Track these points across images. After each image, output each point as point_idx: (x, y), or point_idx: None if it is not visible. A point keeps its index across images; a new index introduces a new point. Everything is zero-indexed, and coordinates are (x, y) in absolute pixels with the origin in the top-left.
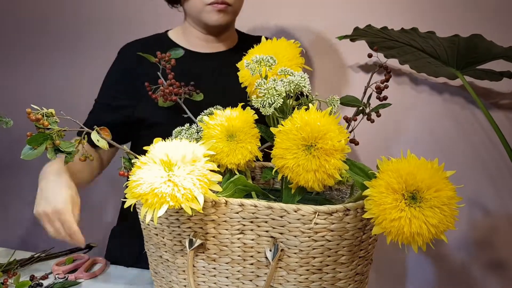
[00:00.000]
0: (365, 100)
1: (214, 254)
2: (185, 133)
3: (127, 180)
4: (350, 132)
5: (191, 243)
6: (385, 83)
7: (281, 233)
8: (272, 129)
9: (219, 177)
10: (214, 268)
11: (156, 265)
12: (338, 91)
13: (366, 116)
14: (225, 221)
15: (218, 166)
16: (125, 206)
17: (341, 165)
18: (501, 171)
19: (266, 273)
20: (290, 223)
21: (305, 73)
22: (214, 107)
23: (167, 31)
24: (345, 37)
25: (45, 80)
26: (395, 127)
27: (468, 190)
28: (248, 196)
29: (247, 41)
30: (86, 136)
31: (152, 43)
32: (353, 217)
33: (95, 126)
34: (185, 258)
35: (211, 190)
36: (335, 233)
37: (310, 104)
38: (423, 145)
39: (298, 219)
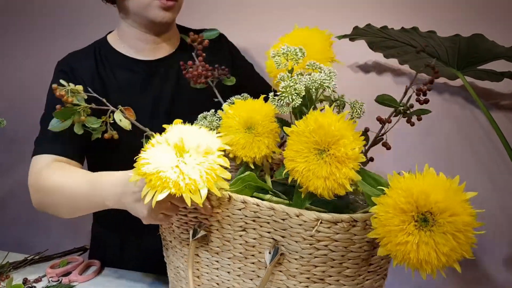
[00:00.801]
0: (404, 101)
1: (217, 247)
2: (209, 118)
3: None
4: (383, 135)
5: (195, 233)
6: (428, 85)
7: (282, 236)
8: (285, 129)
9: (228, 175)
10: (217, 261)
11: (167, 249)
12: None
13: (406, 118)
14: (228, 216)
15: (234, 158)
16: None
17: (353, 175)
18: (501, 171)
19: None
20: (291, 227)
21: (334, 70)
22: (236, 96)
23: (108, 33)
24: (344, 36)
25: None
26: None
27: (467, 190)
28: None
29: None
30: (111, 114)
31: (89, 52)
32: (361, 229)
33: (119, 106)
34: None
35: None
36: (340, 244)
37: (326, 106)
38: (422, 146)
39: (300, 225)
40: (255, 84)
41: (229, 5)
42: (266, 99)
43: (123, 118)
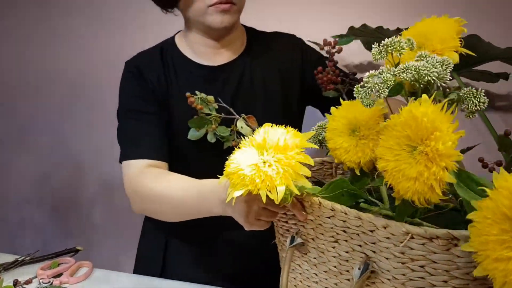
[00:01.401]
0: None
1: (314, 258)
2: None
3: None
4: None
5: (292, 240)
6: None
7: (373, 251)
8: (381, 124)
9: (307, 171)
10: (316, 274)
11: (280, 249)
12: None
13: None
14: (320, 224)
15: (341, 163)
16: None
17: (445, 176)
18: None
19: None
20: (380, 241)
21: (449, 59)
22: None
23: (176, 33)
24: (340, 36)
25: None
26: None
27: None
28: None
29: (259, 40)
30: (237, 122)
31: (156, 53)
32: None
33: (243, 114)
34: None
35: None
36: (439, 266)
37: (424, 95)
38: None
39: (388, 238)
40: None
41: None
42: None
43: (244, 126)
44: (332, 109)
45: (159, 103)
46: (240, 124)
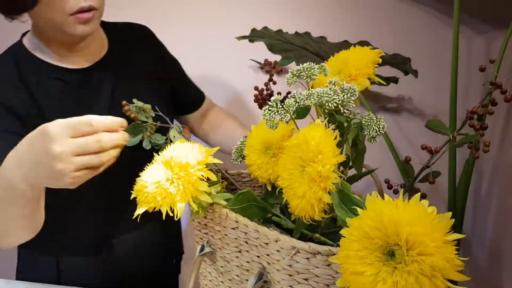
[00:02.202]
0: (466, 131)
1: (221, 267)
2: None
3: None
4: (428, 167)
5: (202, 249)
6: (489, 107)
7: (268, 263)
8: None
9: (206, 188)
10: (222, 282)
11: None
12: (238, 92)
13: (472, 150)
14: (226, 234)
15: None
16: (131, 197)
17: (323, 196)
18: (387, 172)
19: None
20: (273, 253)
21: (355, 86)
22: None
23: (24, 34)
24: (244, 37)
25: None
26: None
27: None
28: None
29: (116, 32)
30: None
31: (8, 60)
32: None
33: (177, 123)
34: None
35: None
36: (321, 280)
37: (318, 120)
38: None
39: (278, 251)
40: (187, 89)
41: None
42: None
43: (177, 135)
44: (252, 127)
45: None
46: (173, 134)
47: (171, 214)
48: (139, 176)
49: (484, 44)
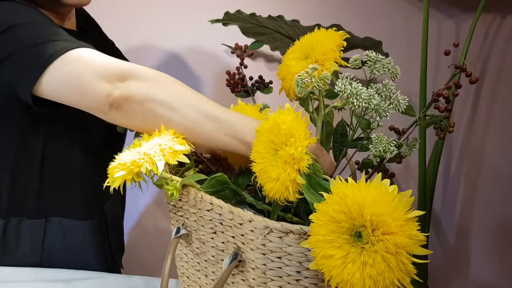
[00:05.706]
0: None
1: (197, 248)
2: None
3: None
4: (399, 147)
5: (177, 231)
6: (456, 90)
7: (242, 243)
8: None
9: (183, 149)
10: (198, 263)
11: None
12: (212, 76)
13: (437, 130)
14: (201, 216)
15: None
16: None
17: (297, 177)
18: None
19: (233, 282)
20: (247, 233)
21: (328, 75)
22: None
23: None
24: (217, 21)
25: None
26: None
27: None
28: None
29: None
30: None
31: None
32: None
33: None
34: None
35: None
36: (293, 258)
37: (287, 104)
38: None
39: (252, 231)
40: None
41: None
42: None
43: None
44: (231, 107)
45: None
46: None
47: (149, 176)
48: None
49: (454, 28)
